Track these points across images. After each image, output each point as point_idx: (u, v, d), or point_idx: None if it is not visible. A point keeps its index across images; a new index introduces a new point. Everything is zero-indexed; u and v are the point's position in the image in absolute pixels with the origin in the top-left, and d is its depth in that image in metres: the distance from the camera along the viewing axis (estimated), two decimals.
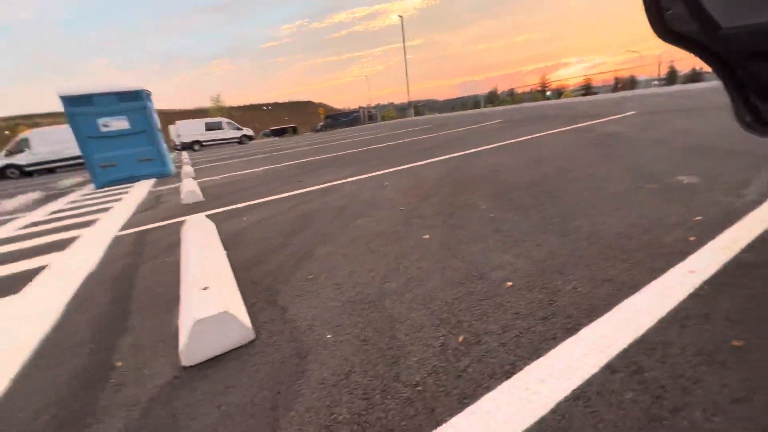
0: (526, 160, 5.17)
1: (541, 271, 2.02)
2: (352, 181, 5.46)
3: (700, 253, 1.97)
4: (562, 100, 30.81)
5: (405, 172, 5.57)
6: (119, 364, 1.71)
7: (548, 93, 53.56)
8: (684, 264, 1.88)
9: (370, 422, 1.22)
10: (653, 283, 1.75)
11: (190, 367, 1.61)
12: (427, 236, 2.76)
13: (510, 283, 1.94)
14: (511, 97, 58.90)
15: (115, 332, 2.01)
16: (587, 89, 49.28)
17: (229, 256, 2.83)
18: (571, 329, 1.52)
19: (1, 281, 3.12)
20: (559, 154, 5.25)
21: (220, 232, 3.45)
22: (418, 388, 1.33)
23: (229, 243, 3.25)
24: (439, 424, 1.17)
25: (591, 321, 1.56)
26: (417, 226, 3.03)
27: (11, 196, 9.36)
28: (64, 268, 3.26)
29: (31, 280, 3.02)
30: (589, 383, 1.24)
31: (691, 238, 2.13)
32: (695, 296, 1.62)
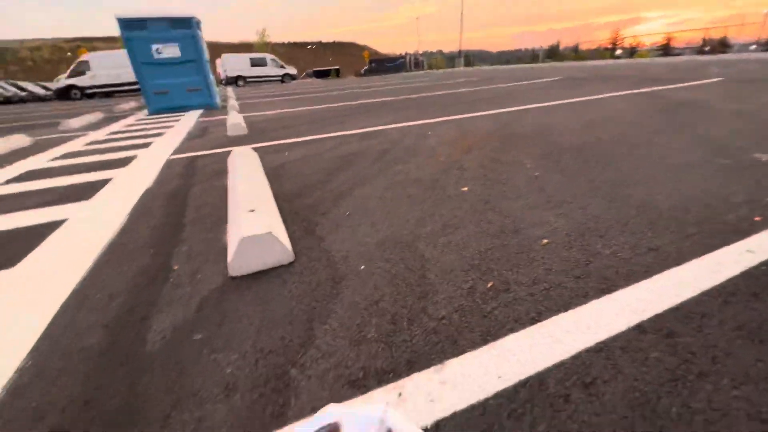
0: (583, 122, 4.80)
1: (581, 234, 1.97)
2: (394, 127, 5.36)
3: (764, 234, 1.82)
4: (635, 60, 27.45)
5: (450, 124, 5.37)
6: (176, 267, 1.92)
7: (618, 52, 47.74)
8: (743, 243, 1.75)
9: (395, 343, 1.32)
10: (704, 257, 1.67)
11: (237, 277, 1.78)
12: (465, 188, 2.73)
13: (546, 240, 1.91)
14: (575, 53, 53.22)
15: (171, 241, 2.23)
16: (666, 50, 43.22)
17: (271, 187, 2.96)
18: (605, 290, 1.51)
19: (73, 189, 3.49)
20: (620, 119, 4.82)
21: (263, 165, 3.58)
22: (443, 321, 1.40)
23: (271, 175, 3.38)
24: (461, 353, 1.25)
25: (628, 285, 1.53)
26: (456, 177, 2.98)
27: (76, 115, 10.06)
28: (126, 182, 3.56)
29: (98, 190, 3.34)
30: (615, 339, 1.25)
31: (757, 218, 1.97)
32: (748, 275, 1.53)
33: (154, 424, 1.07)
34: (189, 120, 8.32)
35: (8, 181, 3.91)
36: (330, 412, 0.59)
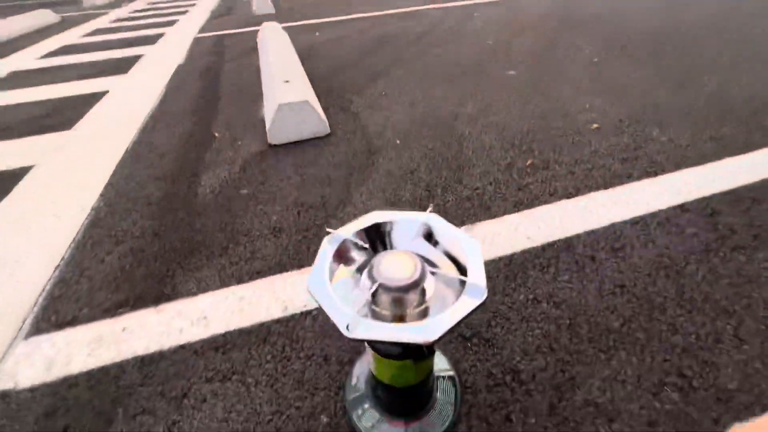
0: (663, 2, 4.02)
1: (636, 120, 1.81)
2: (435, 8, 4.74)
3: None
4: None
5: (501, 4, 4.66)
6: (217, 135, 1.98)
7: None
8: None
9: (428, 206, 1.37)
10: None
11: (275, 145, 1.83)
12: (512, 72, 2.49)
13: (596, 125, 1.79)
14: None
15: (210, 112, 2.26)
16: None
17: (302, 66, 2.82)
18: (651, 173, 1.44)
19: (109, 63, 3.47)
20: (715, 1, 3.99)
21: (293, 45, 3.36)
22: (477, 191, 1.42)
23: (302, 55, 3.19)
24: (492, 217, 1.29)
25: (677, 170, 1.45)
26: (503, 61, 2.70)
27: None
28: (158, 58, 3.49)
29: (132, 65, 3.31)
30: (653, 215, 1.24)
31: None
32: None
33: (216, 253, 1.23)
34: None
35: (48, 55, 3.93)
36: (377, 213, 0.64)
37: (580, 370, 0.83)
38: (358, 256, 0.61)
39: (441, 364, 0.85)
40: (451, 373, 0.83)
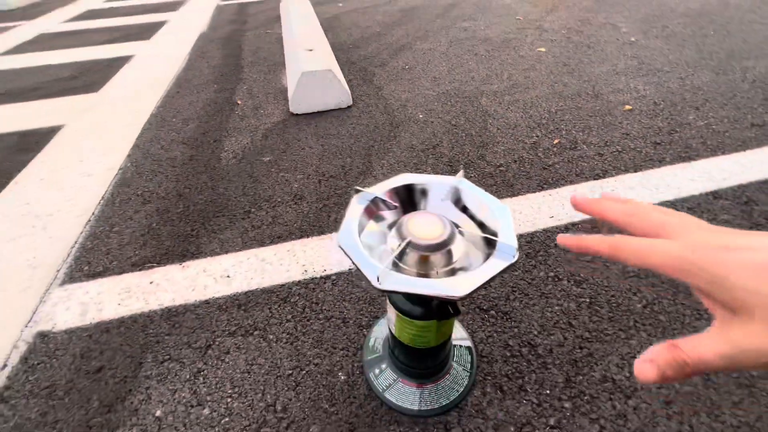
0: None
1: (672, 103, 1.73)
2: None
3: None
4: None
5: None
6: (240, 102, 1.98)
7: None
8: None
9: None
10: None
11: (297, 114, 1.82)
12: (542, 49, 2.39)
13: (629, 107, 1.71)
14: None
15: (232, 79, 2.25)
16: None
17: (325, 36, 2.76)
18: (686, 158, 1.39)
19: (133, 28, 3.48)
20: None
21: (316, 15, 3.29)
22: (500, 168, 1.40)
23: (324, 26, 3.12)
24: (514, 195, 1.27)
25: (713, 156, 1.39)
26: (533, 37, 2.59)
27: None
28: (180, 25, 3.48)
29: (155, 32, 3.31)
30: (684, 200, 1.20)
31: None
32: None
33: (238, 216, 1.25)
34: None
35: (73, 19, 3.96)
36: (407, 175, 0.64)
37: (599, 347, 0.83)
38: (388, 215, 0.61)
39: (458, 332, 0.86)
40: (468, 342, 0.84)
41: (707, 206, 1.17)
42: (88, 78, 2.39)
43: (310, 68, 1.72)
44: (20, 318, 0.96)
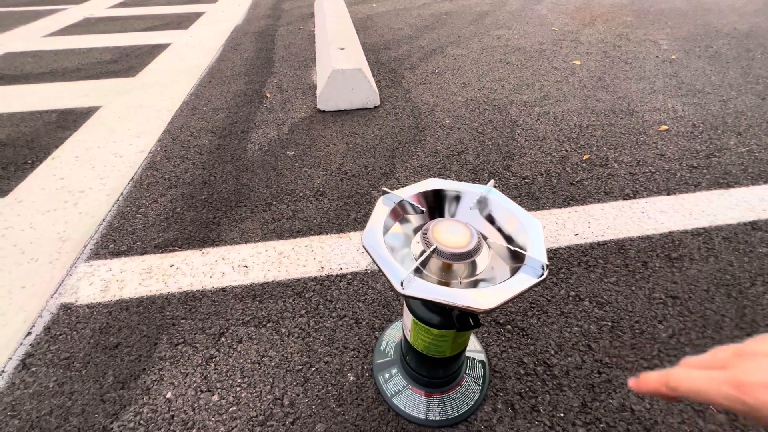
0: (760, 2, 3.60)
1: (712, 126, 1.65)
2: None
3: None
4: None
5: None
6: (269, 95, 2.01)
7: None
8: None
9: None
10: None
11: (324, 111, 1.83)
12: (577, 62, 2.33)
13: (665, 127, 1.65)
14: None
15: (263, 73, 2.29)
16: None
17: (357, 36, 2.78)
18: (723, 184, 1.32)
19: (173, 17, 3.58)
20: None
21: (350, 14, 3.31)
22: (526, 180, 1.37)
23: (357, 26, 3.15)
24: (539, 208, 1.24)
25: (754, 184, 1.32)
26: (568, 49, 2.53)
27: None
28: (218, 17, 3.56)
29: (193, 22, 3.40)
30: (719, 229, 1.14)
31: None
32: None
33: (259, 207, 1.27)
34: None
35: (118, 5, 4.11)
36: (435, 180, 0.63)
37: (618, 374, 0.79)
38: (414, 219, 0.60)
39: (472, 345, 0.84)
40: (482, 355, 0.82)
41: (745, 237, 1.11)
42: (127, 62, 2.47)
43: (341, 66, 1.73)
44: (47, 288, 1.00)
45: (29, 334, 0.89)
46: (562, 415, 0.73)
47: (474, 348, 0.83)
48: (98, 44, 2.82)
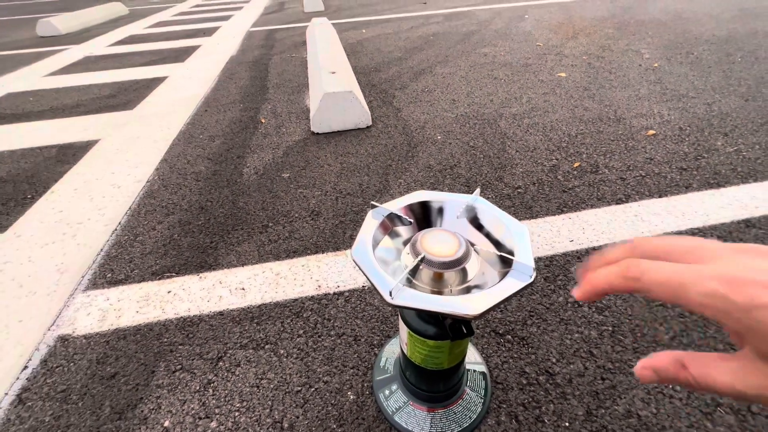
0: (735, 9, 3.72)
1: (699, 129, 1.68)
2: (484, 8, 4.66)
3: None
4: None
5: (554, 6, 4.51)
6: (263, 121, 2.06)
7: None
8: None
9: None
10: None
11: (318, 133, 1.87)
12: (563, 74, 2.40)
13: (652, 132, 1.68)
14: None
15: (258, 99, 2.35)
16: None
17: (348, 60, 2.87)
18: (714, 185, 1.34)
19: (170, 52, 3.71)
20: None
21: (340, 40, 3.43)
22: (518, 190, 1.38)
23: (348, 51, 3.25)
24: (533, 217, 1.25)
25: (744, 183, 1.33)
26: (553, 63, 2.61)
27: None
28: (213, 49, 3.69)
29: (190, 55, 3.52)
30: (713, 228, 1.15)
31: None
32: None
33: (255, 229, 1.28)
34: None
35: (116, 43, 4.26)
36: (423, 192, 0.64)
37: (622, 379, 0.78)
38: (404, 232, 0.61)
39: (473, 357, 0.83)
40: (483, 367, 0.81)
41: (739, 235, 1.12)
42: (126, 96, 2.54)
43: (332, 89, 1.78)
44: (44, 321, 0.99)
45: (26, 368, 0.88)
46: (567, 424, 0.72)
47: (474, 360, 0.82)
48: (97, 80, 2.91)
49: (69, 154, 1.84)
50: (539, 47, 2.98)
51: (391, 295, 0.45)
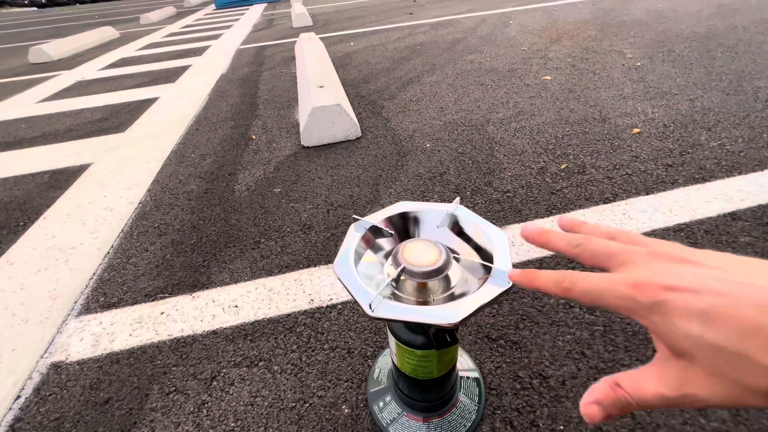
0: (714, 6, 3.80)
1: (682, 125, 1.71)
2: (469, 16, 4.75)
3: None
4: None
5: (537, 11, 4.60)
6: (254, 137, 2.08)
7: None
8: None
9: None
10: None
11: (308, 147, 1.89)
12: (548, 77, 2.43)
13: (637, 130, 1.71)
14: None
15: (248, 116, 2.37)
16: None
17: (337, 73, 2.91)
18: (699, 179, 1.35)
19: (161, 73, 3.75)
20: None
21: (328, 53, 3.48)
22: (507, 194, 1.39)
23: (336, 64, 3.30)
24: (522, 220, 1.26)
25: (729, 176, 1.35)
26: (538, 66, 2.65)
27: (150, 10, 10.31)
28: (203, 68, 3.73)
29: (180, 75, 3.56)
30: (699, 222, 1.16)
31: None
32: None
33: (248, 246, 1.28)
34: (254, 13, 8.12)
35: (108, 66, 4.31)
36: (404, 203, 0.65)
37: None
38: (386, 244, 0.62)
39: (465, 363, 0.83)
40: (476, 374, 0.81)
41: (726, 228, 1.13)
42: (117, 119, 2.56)
43: (320, 103, 1.81)
44: (37, 348, 0.99)
45: (19, 397, 0.88)
46: (561, 427, 0.72)
47: (467, 366, 0.82)
48: (89, 105, 2.94)
49: (61, 179, 1.85)
50: (524, 52, 3.03)
51: (371, 307, 0.46)
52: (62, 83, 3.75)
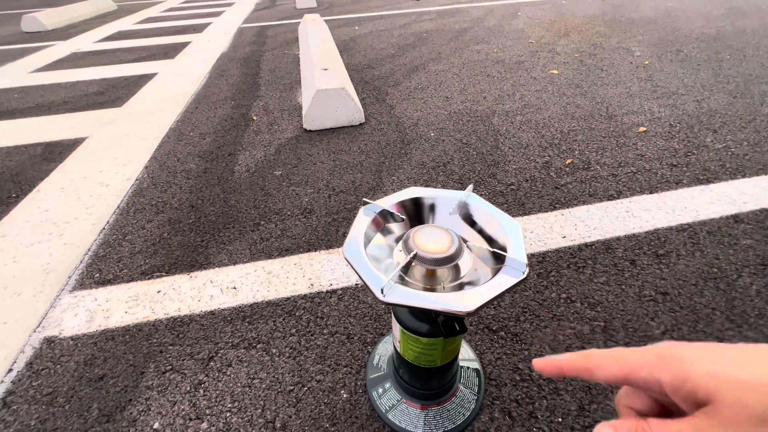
0: (724, 8, 3.77)
1: (688, 126, 1.70)
2: (476, 6, 4.66)
3: None
4: None
5: (546, 4, 4.52)
6: (255, 118, 2.03)
7: None
8: None
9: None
10: None
11: (310, 130, 1.86)
12: (555, 71, 2.41)
13: (643, 128, 1.69)
14: None
15: (249, 97, 2.32)
16: None
17: (341, 57, 2.85)
18: (704, 180, 1.35)
19: (159, 48, 3.65)
20: None
21: (333, 36, 3.40)
22: (511, 187, 1.38)
23: (340, 47, 3.23)
24: (526, 213, 1.25)
25: (733, 179, 1.35)
26: (546, 60, 2.62)
27: None
28: (203, 46, 3.63)
29: (180, 51, 3.47)
30: (703, 224, 1.16)
31: None
32: None
33: (247, 227, 1.26)
34: None
35: (104, 39, 4.18)
36: (415, 188, 0.63)
37: None
38: (396, 229, 0.60)
39: (466, 354, 0.83)
40: (476, 364, 0.81)
41: (728, 230, 1.13)
42: (114, 93, 2.50)
43: (325, 86, 1.77)
44: (30, 322, 0.97)
45: (11, 370, 0.86)
46: (560, 420, 0.72)
47: (468, 356, 0.82)
48: (85, 77, 2.85)
49: (56, 152, 1.81)
50: (532, 44, 2.98)
51: (382, 292, 0.45)
52: (56, 54, 3.63)
